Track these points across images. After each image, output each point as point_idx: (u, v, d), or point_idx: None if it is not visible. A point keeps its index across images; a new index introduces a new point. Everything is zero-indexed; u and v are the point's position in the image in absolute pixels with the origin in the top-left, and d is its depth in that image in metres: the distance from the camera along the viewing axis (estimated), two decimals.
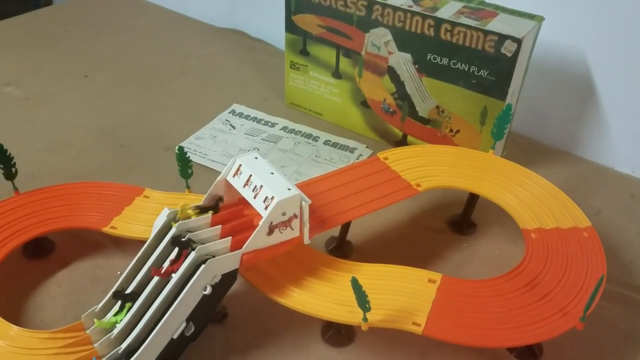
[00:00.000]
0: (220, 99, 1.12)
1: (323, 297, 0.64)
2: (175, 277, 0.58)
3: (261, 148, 1.00)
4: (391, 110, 0.99)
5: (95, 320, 0.59)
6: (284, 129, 1.05)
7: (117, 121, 1.04)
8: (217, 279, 0.59)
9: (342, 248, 0.78)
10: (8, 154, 0.71)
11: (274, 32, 1.31)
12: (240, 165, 0.63)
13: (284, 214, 0.60)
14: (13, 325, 0.60)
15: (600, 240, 0.69)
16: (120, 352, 0.57)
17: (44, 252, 0.75)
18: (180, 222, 0.61)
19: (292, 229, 0.63)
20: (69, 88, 1.13)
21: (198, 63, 1.24)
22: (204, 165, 0.94)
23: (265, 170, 0.63)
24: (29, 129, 1.01)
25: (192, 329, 0.59)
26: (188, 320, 0.59)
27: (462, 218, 0.84)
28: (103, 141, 0.99)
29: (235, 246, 0.61)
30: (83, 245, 0.77)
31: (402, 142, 1.01)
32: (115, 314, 0.60)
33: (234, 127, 1.05)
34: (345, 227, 0.76)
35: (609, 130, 1.00)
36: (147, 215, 0.73)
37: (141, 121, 1.04)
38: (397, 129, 1.01)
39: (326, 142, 1.03)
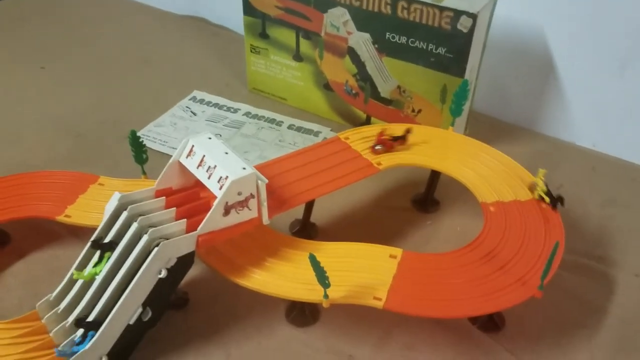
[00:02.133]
0: (180, 86, 1.10)
1: (285, 277, 0.63)
2: (128, 261, 0.57)
3: (223, 134, 0.98)
4: (354, 92, 0.99)
5: (75, 271, 0.58)
6: (247, 114, 1.04)
7: (73, 112, 1.02)
8: (172, 262, 0.58)
9: (307, 230, 0.78)
10: None
11: (235, 18, 1.29)
12: (193, 145, 0.62)
13: (239, 194, 0.59)
14: None
15: (558, 210, 0.69)
16: (75, 339, 0.56)
17: (4, 242, 0.73)
18: (131, 205, 0.59)
19: (250, 209, 0.62)
20: (24, 80, 1.10)
21: (158, 51, 1.21)
22: (163, 153, 0.93)
23: (219, 150, 0.62)
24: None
25: (150, 314, 0.58)
26: (144, 305, 0.58)
27: (425, 196, 0.84)
28: (58, 133, 0.96)
29: (191, 228, 0.60)
30: (39, 236, 0.75)
31: (366, 124, 1.01)
32: (95, 265, 0.58)
33: (194, 114, 1.03)
34: (309, 208, 0.76)
35: (569, 106, 1.01)
36: (102, 203, 0.70)
37: (98, 111, 1.02)
38: (360, 111, 1.00)
39: (290, 127, 1.02)
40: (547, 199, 0.69)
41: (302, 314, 0.67)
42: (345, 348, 0.64)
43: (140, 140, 0.71)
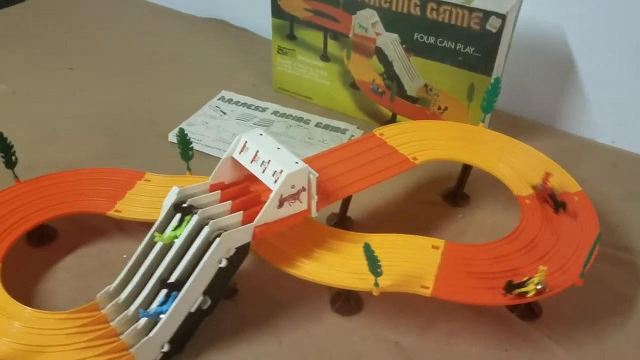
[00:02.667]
0: (207, 86, 1.12)
1: (333, 266, 0.65)
2: (190, 252, 0.59)
3: None
4: (380, 90, 1.02)
5: (156, 234, 0.61)
6: (275, 113, 1.07)
7: (106, 111, 1.04)
8: (231, 252, 0.60)
9: (344, 223, 0.80)
10: (8, 142, 0.71)
11: (256, 20, 1.32)
12: (246, 142, 0.65)
13: (293, 187, 0.62)
14: (27, 307, 0.61)
15: (591, 202, 0.72)
16: (139, 327, 0.58)
17: (47, 240, 0.75)
18: (191, 199, 0.62)
19: (301, 202, 0.64)
20: (55, 81, 1.13)
21: (182, 53, 1.24)
22: (198, 150, 0.95)
23: (271, 145, 0.64)
24: (18, 123, 1.00)
25: (208, 303, 0.61)
26: (204, 293, 0.60)
27: (455, 190, 0.87)
28: (94, 131, 0.99)
29: (247, 220, 0.62)
30: (86, 231, 0.77)
31: (391, 121, 1.03)
32: (175, 229, 0.61)
33: (224, 113, 1.06)
34: (346, 202, 0.78)
35: (589, 103, 1.04)
36: (150, 198, 0.74)
37: (130, 110, 1.05)
38: (386, 109, 1.03)
39: (317, 125, 1.04)
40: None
41: (347, 303, 0.69)
42: (391, 336, 0.67)
43: (188, 138, 0.74)
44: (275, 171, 0.61)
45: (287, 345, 0.65)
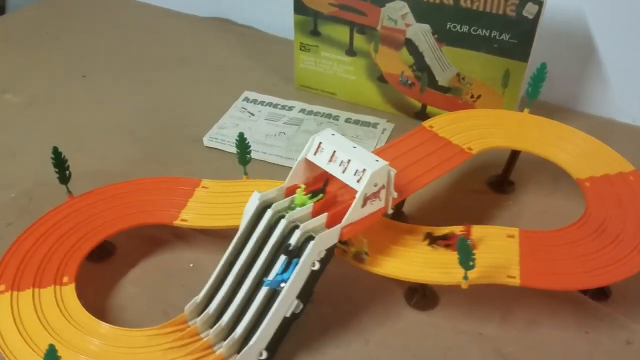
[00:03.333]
0: (227, 87, 1.10)
1: (413, 262, 0.65)
2: (281, 257, 0.58)
3: (286, 132, 1.00)
4: (409, 82, 1.01)
5: (298, 191, 0.62)
6: (302, 111, 1.06)
7: (130, 117, 1.01)
8: (322, 255, 0.59)
9: (400, 217, 0.80)
10: (62, 156, 0.68)
11: (263, 18, 1.31)
12: (321, 142, 0.64)
13: (375, 185, 0.61)
14: (116, 327, 0.59)
15: None
16: (236, 337, 0.57)
17: (107, 255, 0.73)
18: (274, 203, 0.61)
19: (380, 200, 0.64)
20: (70, 89, 1.09)
21: (193, 54, 1.21)
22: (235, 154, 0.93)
23: (347, 145, 0.63)
24: (39, 134, 0.96)
25: (301, 307, 0.60)
26: (297, 297, 0.59)
27: (502, 177, 0.88)
28: (123, 138, 0.96)
29: (330, 221, 0.61)
30: (144, 243, 0.75)
31: (421, 113, 1.04)
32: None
33: (252, 114, 1.04)
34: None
35: (609, 85, 1.06)
36: (213, 205, 0.72)
37: (155, 114, 1.02)
38: (415, 101, 1.03)
39: (347, 120, 1.04)
40: None
41: (424, 297, 0.69)
42: (473, 327, 0.67)
43: (247, 142, 0.72)
44: (357, 170, 0.61)
45: (373, 344, 0.65)
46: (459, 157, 0.77)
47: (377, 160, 0.61)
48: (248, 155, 0.74)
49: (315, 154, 0.64)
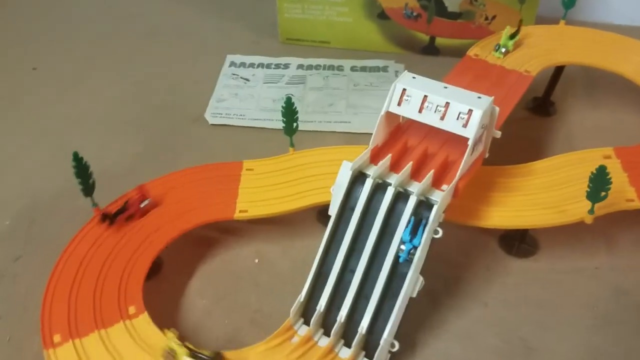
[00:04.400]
0: (207, 54, 0.97)
1: (520, 207, 0.58)
2: (399, 229, 0.49)
3: (294, 92, 0.88)
4: (415, 14, 0.92)
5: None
6: (301, 67, 0.94)
7: (116, 105, 0.86)
8: (441, 218, 0.51)
9: None
10: (84, 162, 0.55)
11: None
12: (405, 89, 0.54)
13: (483, 127, 0.53)
14: (220, 351, 0.48)
15: None
16: (363, 332, 0.48)
17: (157, 268, 0.60)
18: (370, 171, 0.51)
19: (481, 142, 0.56)
20: (24, 84, 0.91)
21: (158, 23, 1.05)
22: (252, 127, 0.81)
23: (436, 86, 0.54)
24: (9, 141, 0.79)
25: (423, 283, 0.51)
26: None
27: (544, 99, 0.82)
28: (118, 129, 0.81)
29: (437, 179, 0.52)
30: (191, 248, 0.63)
31: (429, 47, 0.95)
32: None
33: (247, 80, 0.92)
34: None
35: None
36: (266, 188, 0.62)
37: (142, 99, 0.87)
38: (422, 34, 0.94)
39: (353, 69, 0.93)
40: None
41: (524, 244, 0.63)
42: (585, 263, 0.61)
43: (295, 107, 0.61)
44: (461, 112, 0.52)
45: (493, 304, 0.58)
46: (523, 82, 0.69)
47: (479, 98, 0.52)
48: (295, 124, 0.62)
49: (399, 104, 0.54)
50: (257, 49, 0.99)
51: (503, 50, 0.72)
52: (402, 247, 0.48)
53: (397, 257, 0.49)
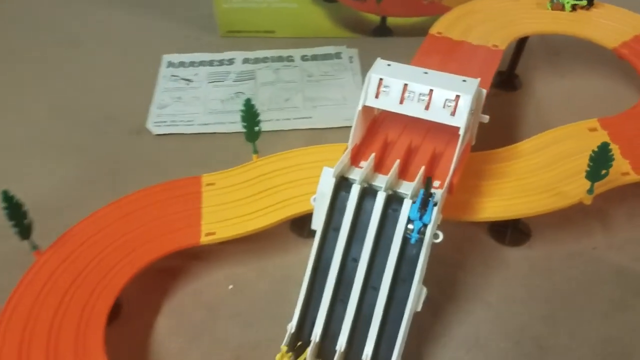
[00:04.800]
0: (141, 57, 0.87)
1: (513, 195, 0.54)
2: (396, 240, 0.43)
3: (244, 90, 0.81)
4: None
5: None
6: (247, 61, 0.87)
7: (48, 126, 0.75)
8: (439, 219, 0.45)
9: None
10: (15, 200, 0.46)
11: None
12: (382, 79, 0.48)
13: (472, 112, 0.48)
14: None
15: None
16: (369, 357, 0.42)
17: (117, 310, 0.52)
18: (355, 176, 0.45)
19: (469, 130, 0.50)
20: None
21: (83, 28, 0.94)
22: (200, 134, 0.74)
23: (415, 72, 0.48)
24: None
25: (426, 294, 0.46)
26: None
27: (509, 74, 0.78)
28: (49, 156, 0.71)
29: (426, 176, 0.47)
30: (153, 281, 0.55)
31: (380, 28, 0.90)
32: None
33: (189, 81, 0.83)
34: None
35: None
36: (232, 204, 0.54)
37: (75, 117, 0.77)
38: (372, 15, 0.88)
39: (304, 58, 0.87)
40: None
41: (516, 231, 0.58)
42: (580, 244, 0.58)
43: (255, 109, 0.54)
44: (447, 100, 0.46)
45: (496, 301, 0.54)
46: (493, 57, 0.65)
47: (464, 81, 0.47)
48: (257, 128, 0.55)
49: (377, 96, 0.48)
50: (196, 45, 0.90)
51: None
52: (410, 226, 0.43)
53: (397, 270, 0.43)
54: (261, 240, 0.58)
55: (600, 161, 0.47)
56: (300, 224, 0.58)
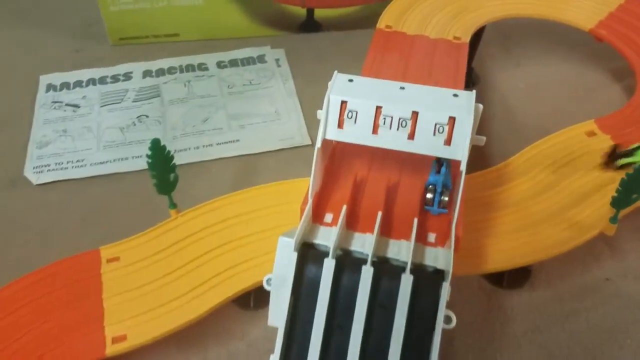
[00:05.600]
0: (11, 80, 0.69)
1: (520, 232, 0.42)
2: (398, 320, 0.30)
3: (149, 113, 0.65)
4: None
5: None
6: (148, 73, 0.70)
7: None
8: (449, 293, 0.32)
9: None
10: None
11: None
12: (345, 102, 0.34)
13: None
14: None
15: None
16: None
17: None
18: (328, 246, 0.31)
19: None
20: None
21: None
22: (96, 177, 0.57)
23: (388, 88, 0.35)
24: None
25: None
26: None
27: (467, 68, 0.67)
28: None
29: (421, 236, 0.34)
30: None
31: (308, 22, 0.76)
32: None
33: (77, 106, 0.66)
34: None
35: None
36: (147, 289, 0.39)
37: None
38: (297, 8, 0.75)
39: (221, 66, 0.72)
40: None
41: (514, 271, 0.47)
42: (589, 276, 0.47)
43: (167, 151, 0.39)
44: (438, 124, 0.33)
45: (507, 350, 0.42)
46: (458, 52, 0.53)
47: (456, 95, 0.34)
48: (173, 174, 0.40)
49: (340, 126, 0.34)
50: (82, 59, 0.73)
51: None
52: (429, 195, 0.35)
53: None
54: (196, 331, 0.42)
55: (634, 186, 0.36)
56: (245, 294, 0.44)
